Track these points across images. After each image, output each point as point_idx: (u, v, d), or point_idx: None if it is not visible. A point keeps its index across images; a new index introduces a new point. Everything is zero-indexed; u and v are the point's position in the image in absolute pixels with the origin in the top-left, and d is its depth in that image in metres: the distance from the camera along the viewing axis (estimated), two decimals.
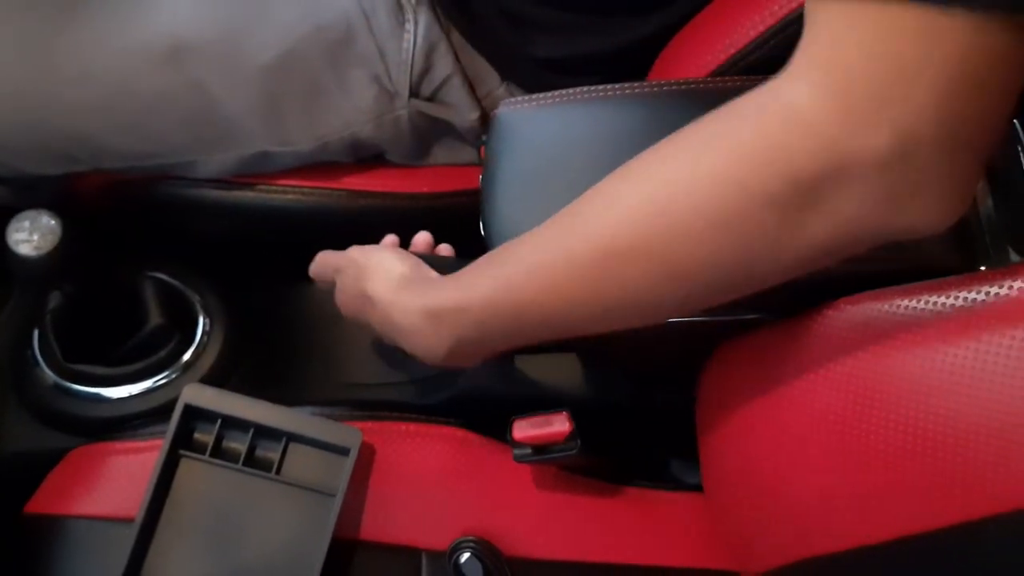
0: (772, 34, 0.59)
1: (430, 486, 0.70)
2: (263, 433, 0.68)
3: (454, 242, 0.75)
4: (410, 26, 0.76)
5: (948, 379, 0.46)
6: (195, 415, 0.69)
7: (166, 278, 0.89)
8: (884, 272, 0.51)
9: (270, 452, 0.68)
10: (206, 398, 0.68)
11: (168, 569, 0.66)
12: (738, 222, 0.43)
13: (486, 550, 0.66)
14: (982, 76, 0.39)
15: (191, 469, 0.68)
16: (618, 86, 0.62)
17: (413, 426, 0.72)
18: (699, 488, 0.72)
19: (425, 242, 0.73)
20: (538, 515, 0.69)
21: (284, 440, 0.68)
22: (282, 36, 0.75)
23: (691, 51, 0.66)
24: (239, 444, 0.68)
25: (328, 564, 0.64)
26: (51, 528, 0.69)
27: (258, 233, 0.88)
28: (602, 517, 0.70)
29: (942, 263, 0.54)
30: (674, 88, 0.62)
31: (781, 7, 0.58)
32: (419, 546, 0.67)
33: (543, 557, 0.68)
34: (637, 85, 0.62)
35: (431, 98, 0.79)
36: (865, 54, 0.39)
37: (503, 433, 0.65)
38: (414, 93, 0.78)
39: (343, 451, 0.67)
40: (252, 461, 0.68)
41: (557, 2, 0.74)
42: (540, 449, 0.64)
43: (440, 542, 0.67)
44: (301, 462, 0.68)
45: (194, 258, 0.91)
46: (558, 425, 0.63)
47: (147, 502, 0.65)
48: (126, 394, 0.85)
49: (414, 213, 0.84)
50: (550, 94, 0.63)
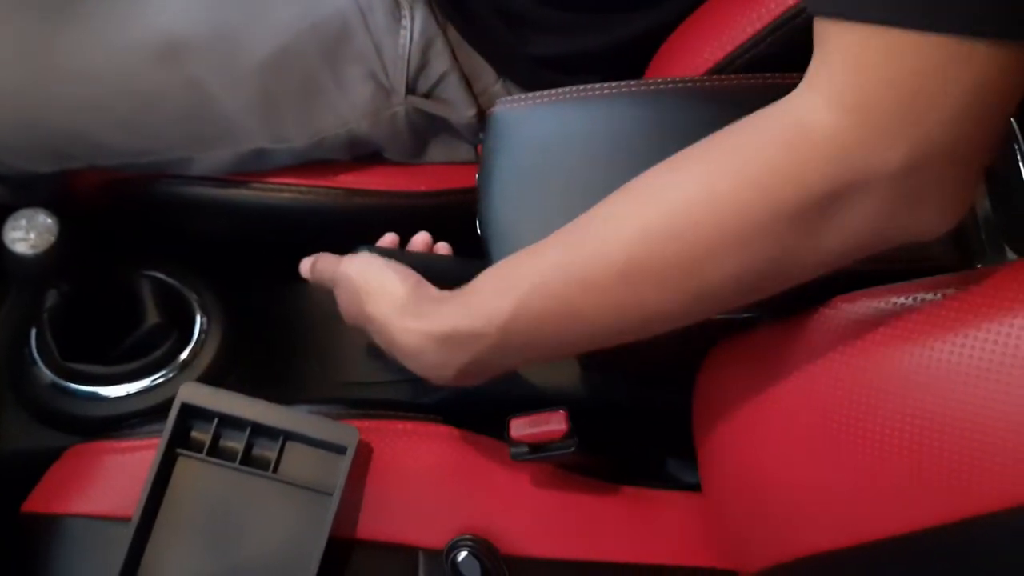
0: (768, 32, 0.59)
1: (427, 485, 0.70)
2: (260, 432, 0.68)
3: (451, 240, 0.74)
4: (406, 22, 0.76)
5: (944, 376, 0.46)
6: (192, 414, 0.68)
7: (163, 277, 0.89)
8: (881, 271, 0.51)
9: (267, 451, 0.68)
10: (203, 397, 0.68)
11: (165, 568, 0.66)
12: (757, 239, 0.44)
13: (483, 548, 0.66)
14: (994, 98, 0.40)
15: (188, 468, 0.68)
16: (614, 84, 0.62)
17: (411, 424, 0.72)
18: (696, 487, 0.72)
19: (424, 242, 0.73)
20: (535, 514, 0.69)
21: (281, 439, 0.68)
22: (278, 33, 0.74)
23: (687, 49, 0.66)
24: (236, 443, 0.68)
25: (325, 563, 0.64)
26: (48, 527, 0.69)
27: (255, 232, 0.87)
28: (599, 516, 0.70)
29: (939, 261, 0.54)
30: (670, 87, 0.62)
31: (777, 5, 0.58)
32: (416, 545, 0.67)
33: (540, 555, 0.68)
34: (633, 83, 0.62)
35: (428, 95, 0.79)
36: (882, 77, 0.40)
37: (501, 432, 0.65)
38: (411, 90, 0.78)
39: (340, 450, 0.67)
40: (249, 460, 0.68)
41: (554, 0, 0.74)
42: (537, 447, 0.64)
43: (437, 541, 0.67)
44: (298, 461, 0.68)
45: (191, 257, 0.91)
46: (555, 424, 0.63)
47: (144, 501, 0.65)
48: (123, 393, 0.85)
49: (411, 211, 0.84)
50: (546, 92, 0.63)
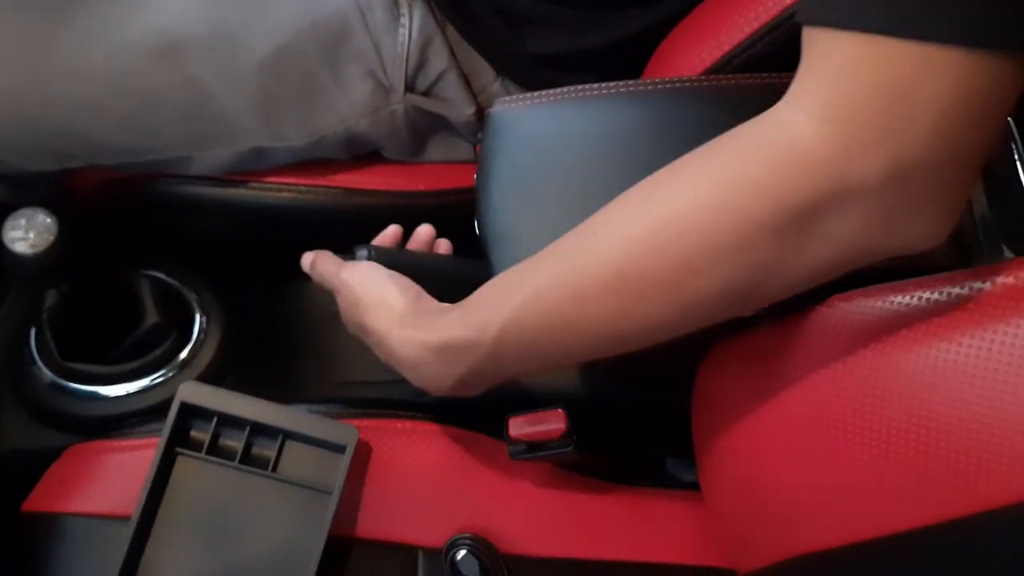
0: (765, 32, 0.59)
1: (426, 483, 0.70)
2: (259, 431, 0.69)
3: (450, 240, 0.75)
4: (405, 20, 0.76)
5: (941, 374, 0.46)
6: (191, 413, 0.69)
7: (163, 276, 0.90)
8: (878, 270, 0.51)
9: (266, 450, 0.69)
10: (202, 396, 0.68)
11: (164, 567, 0.66)
12: (742, 251, 0.44)
13: (482, 547, 0.66)
14: (977, 107, 0.40)
15: (187, 467, 0.68)
16: (612, 84, 0.62)
17: (409, 423, 0.72)
18: (695, 486, 0.72)
19: (428, 234, 0.72)
20: (534, 512, 0.69)
21: (280, 438, 0.68)
22: (277, 31, 0.74)
23: (685, 48, 0.66)
24: (235, 442, 0.68)
25: (324, 561, 0.64)
26: (48, 526, 0.69)
27: (254, 231, 0.88)
28: (598, 514, 0.71)
29: (936, 260, 0.54)
30: (668, 86, 0.62)
31: (775, 4, 0.58)
32: (415, 543, 0.67)
33: (539, 554, 0.68)
34: (631, 83, 0.62)
35: (426, 93, 0.79)
36: (863, 85, 0.40)
37: (499, 430, 0.65)
38: (410, 88, 0.78)
39: (339, 449, 0.67)
40: (248, 459, 0.68)
41: None
42: (536, 446, 0.64)
43: (436, 539, 0.67)
44: (297, 460, 0.68)
45: (190, 256, 0.91)
46: (554, 422, 0.63)
47: (143, 500, 0.65)
48: (123, 392, 0.85)
49: (410, 210, 0.84)
50: (545, 92, 0.63)
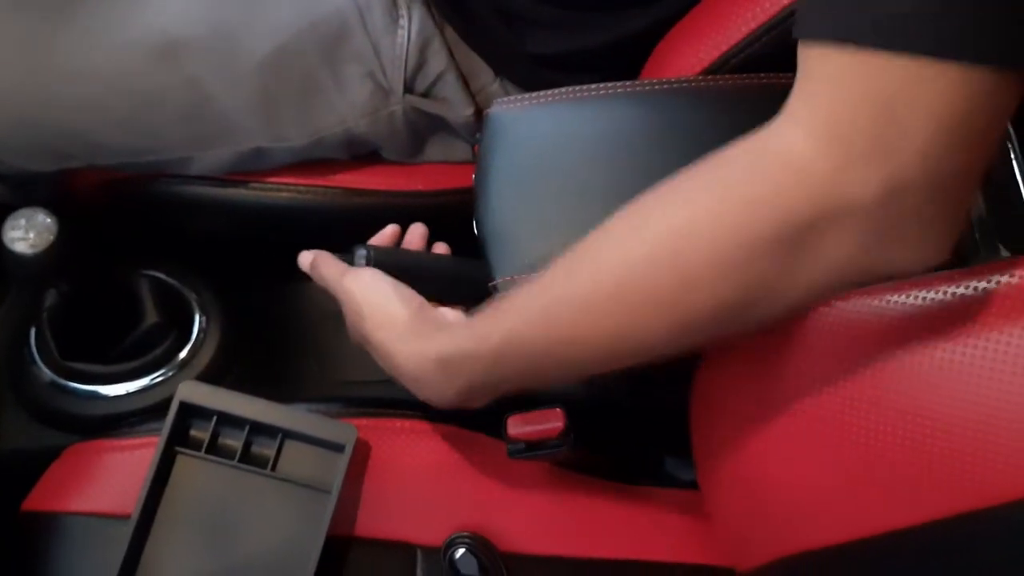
0: (762, 32, 0.59)
1: (425, 482, 0.70)
2: (259, 430, 0.69)
3: (449, 240, 0.75)
4: (404, 22, 0.76)
5: (940, 372, 0.47)
6: (191, 412, 0.69)
7: (162, 276, 0.90)
8: None
9: (266, 449, 0.69)
10: (202, 395, 0.68)
11: (164, 565, 0.66)
12: (741, 267, 0.45)
13: (481, 546, 0.66)
14: (969, 124, 0.40)
15: (187, 466, 0.68)
16: (610, 85, 0.62)
17: (408, 423, 0.72)
18: (694, 485, 0.72)
19: (421, 232, 0.73)
20: (533, 511, 0.70)
21: (280, 437, 0.68)
22: (277, 32, 0.75)
23: (683, 48, 0.66)
24: (235, 441, 0.68)
25: (323, 560, 0.64)
26: (48, 525, 0.69)
27: (254, 231, 0.88)
28: (597, 513, 0.71)
29: None
30: (665, 87, 0.62)
31: (772, 4, 0.58)
32: (414, 542, 0.68)
33: (538, 552, 0.68)
34: (629, 84, 0.62)
35: (425, 94, 0.79)
36: (857, 100, 0.40)
37: (498, 429, 0.65)
38: (408, 89, 0.78)
39: (338, 448, 0.67)
40: (248, 458, 0.68)
41: None
42: (534, 445, 0.64)
43: (435, 538, 0.67)
44: (296, 459, 0.68)
45: (190, 256, 0.91)
46: (552, 421, 0.63)
47: (143, 499, 0.66)
48: (123, 392, 0.85)
49: (409, 211, 0.83)
50: (543, 93, 0.63)
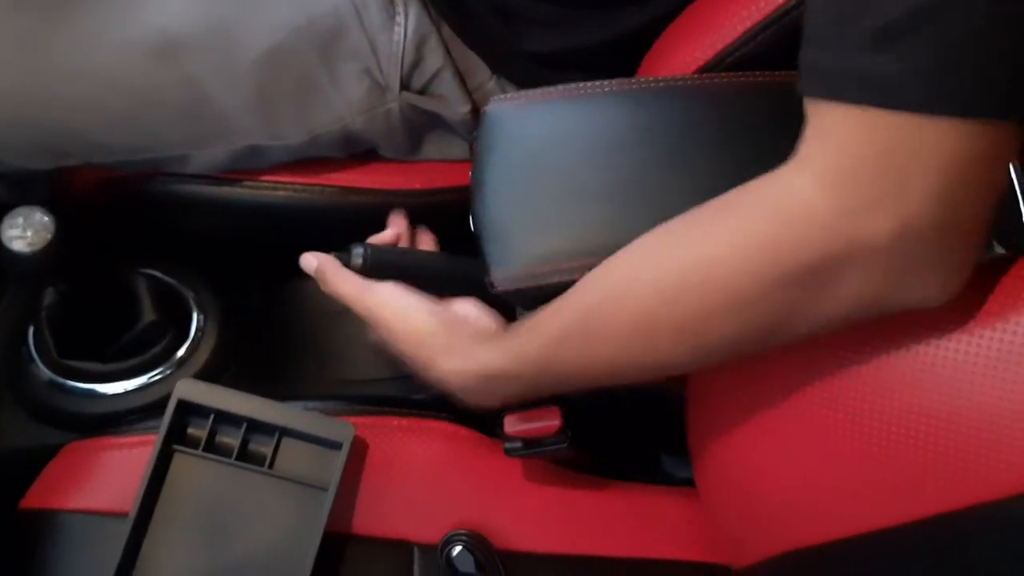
0: (758, 31, 0.59)
1: (422, 480, 0.70)
2: (256, 428, 0.69)
3: (446, 238, 0.75)
4: (400, 19, 0.76)
5: (937, 370, 0.47)
6: (188, 410, 0.69)
7: (160, 275, 0.90)
8: None
9: (263, 446, 0.69)
10: (199, 393, 0.69)
11: (162, 562, 0.66)
12: (751, 305, 0.47)
13: (478, 543, 0.66)
14: (972, 172, 0.42)
15: (184, 464, 0.68)
16: (606, 82, 0.62)
17: (405, 421, 0.73)
18: (690, 482, 0.72)
19: (426, 242, 0.74)
20: (529, 509, 0.70)
21: (277, 435, 0.69)
22: (273, 30, 0.75)
23: (679, 47, 0.67)
24: (232, 439, 0.69)
25: (321, 558, 0.64)
26: (46, 523, 0.70)
27: (251, 230, 0.88)
28: (593, 511, 0.71)
29: None
30: (661, 85, 0.62)
31: (767, 3, 0.58)
32: (411, 539, 0.68)
33: (534, 550, 0.68)
34: (625, 82, 0.62)
35: (422, 91, 0.79)
36: (861, 153, 0.42)
37: (495, 427, 0.65)
38: (405, 86, 0.78)
39: (335, 445, 0.67)
40: (245, 455, 0.69)
41: None
42: (531, 443, 0.64)
43: (432, 535, 0.67)
44: (294, 456, 0.69)
45: (188, 255, 0.91)
46: (549, 419, 0.63)
47: (141, 496, 0.66)
48: (121, 390, 0.85)
49: (406, 209, 0.84)
50: (539, 90, 0.63)
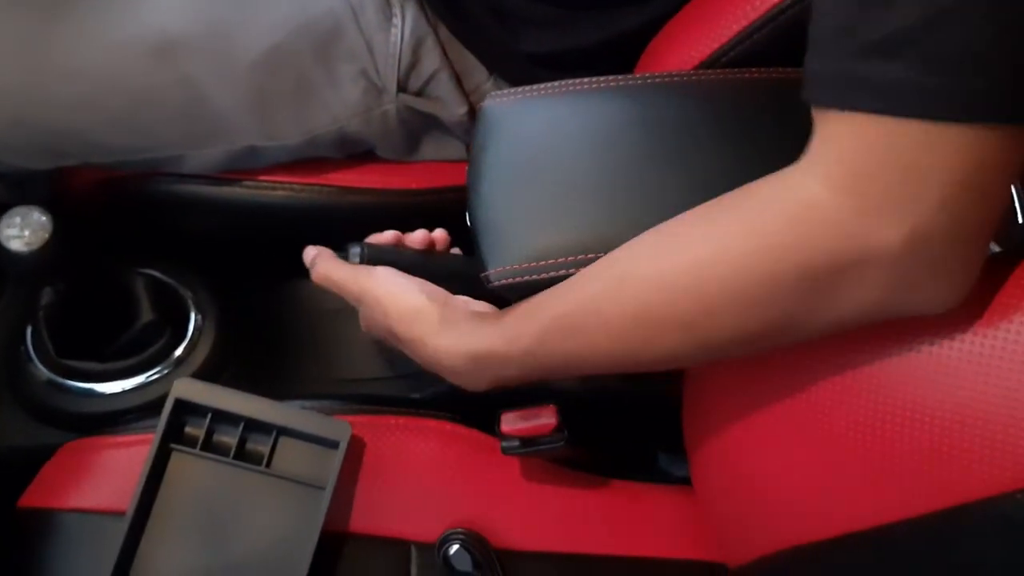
0: (754, 29, 0.59)
1: (419, 479, 0.70)
2: (253, 427, 0.69)
3: None
4: (397, 21, 0.76)
5: (933, 369, 0.47)
6: (186, 409, 0.69)
7: (158, 274, 0.89)
8: None
9: (260, 445, 0.69)
10: (197, 392, 0.69)
11: (159, 561, 0.66)
12: (760, 304, 0.47)
13: (475, 542, 0.66)
14: (983, 178, 0.42)
15: (182, 463, 0.68)
16: (603, 79, 0.62)
17: (403, 419, 0.73)
18: (687, 481, 0.73)
19: (421, 241, 0.73)
20: (526, 507, 0.70)
21: (274, 434, 0.69)
22: (271, 31, 0.75)
23: (676, 46, 0.67)
24: (230, 438, 0.69)
25: (318, 556, 0.64)
26: (44, 522, 0.69)
27: (249, 229, 0.88)
28: (590, 509, 0.71)
29: None
30: (657, 81, 0.62)
31: (763, 2, 0.59)
32: (408, 538, 0.68)
33: (531, 548, 0.68)
34: (622, 78, 0.62)
35: (419, 93, 0.79)
36: (872, 160, 0.42)
37: (492, 426, 0.65)
38: (402, 88, 0.78)
39: (333, 444, 0.67)
40: (242, 455, 0.69)
41: None
42: (528, 442, 0.64)
43: (429, 534, 0.67)
44: (291, 455, 0.69)
45: (186, 254, 0.91)
46: (545, 418, 0.63)
47: (138, 495, 0.66)
48: (119, 389, 0.85)
49: (404, 209, 0.84)
50: (536, 87, 0.63)
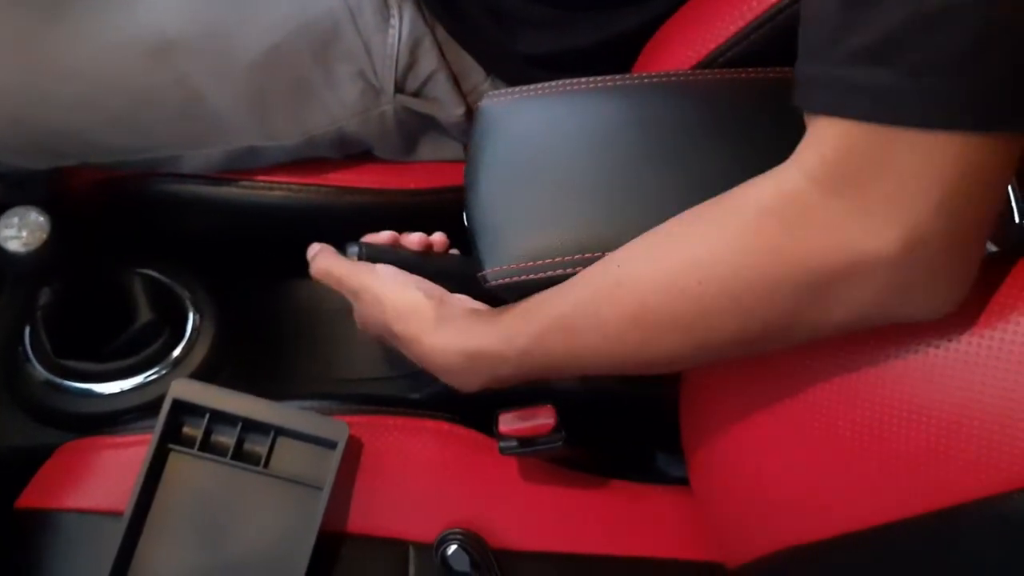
0: (752, 29, 0.59)
1: (417, 479, 0.70)
2: (251, 427, 0.69)
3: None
4: (395, 21, 0.76)
5: (928, 370, 0.47)
6: (184, 409, 0.69)
7: (156, 274, 0.90)
8: None
9: (258, 446, 0.69)
10: (194, 392, 0.68)
11: (157, 561, 0.66)
12: (761, 308, 0.46)
13: (473, 542, 0.66)
14: (976, 184, 0.42)
15: (180, 463, 0.68)
16: (600, 78, 0.62)
17: (400, 420, 0.73)
18: (684, 481, 0.73)
19: (418, 242, 0.73)
20: (524, 507, 0.70)
21: (272, 434, 0.69)
22: (269, 32, 0.75)
23: (673, 46, 0.67)
24: (227, 438, 0.69)
25: (316, 557, 0.64)
26: (41, 522, 0.69)
27: (247, 230, 0.88)
28: (587, 509, 0.71)
29: None
30: (655, 80, 0.62)
31: (759, 3, 0.59)
32: (406, 538, 0.68)
33: (529, 549, 0.68)
34: (619, 77, 0.62)
35: (416, 94, 0.79)
36: (865, 165, 0.42)
37: (490, 426, 0.65)
38: (399, 89, 0.78)
39: (330, 445, 0.67)
40: (240, 455, 0.69)
41: None
42: (526, 442, 0.64)
43: (427, 534, 0.67)
44: (289, 456, 0.69)
45: (184, 255, 0.92)
46: (543, 418, 0.63)
47: (136, 496, 0.66)
48: (117, 390, 0.85)
49: (401, 209, 0.84)
50: (533, 87, 0.63)
